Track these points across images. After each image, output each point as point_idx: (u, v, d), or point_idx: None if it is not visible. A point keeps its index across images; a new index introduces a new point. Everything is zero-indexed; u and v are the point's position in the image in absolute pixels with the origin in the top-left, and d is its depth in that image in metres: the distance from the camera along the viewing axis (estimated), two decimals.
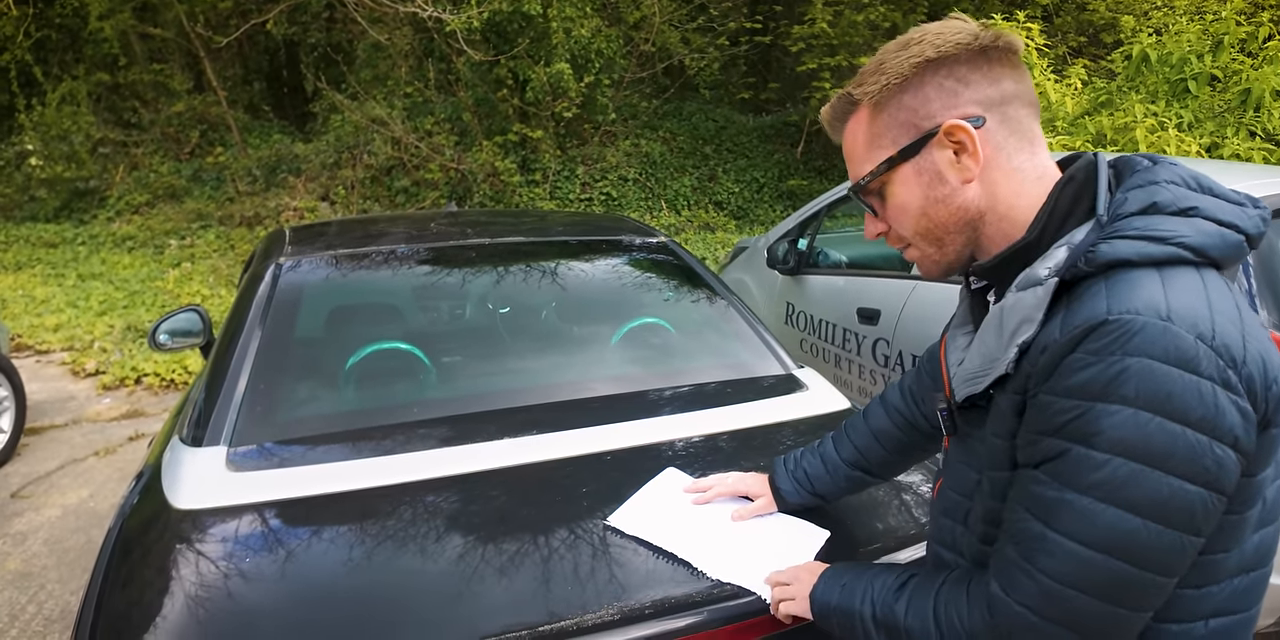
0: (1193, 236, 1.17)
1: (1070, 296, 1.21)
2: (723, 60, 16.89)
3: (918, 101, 1.33)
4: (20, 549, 4.66)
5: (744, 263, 6.79)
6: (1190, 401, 1.08)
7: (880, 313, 4.63)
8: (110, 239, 13.54)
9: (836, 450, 2.02)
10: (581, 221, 4.32)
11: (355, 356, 2.92)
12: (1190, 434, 1.08)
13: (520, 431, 2.45)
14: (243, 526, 1.99)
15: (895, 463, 1.99)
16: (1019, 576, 1.21)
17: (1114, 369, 1.10)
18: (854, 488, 2.04)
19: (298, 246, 3.34)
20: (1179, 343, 1.08)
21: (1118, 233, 1.19)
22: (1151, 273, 1.15)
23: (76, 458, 6.02)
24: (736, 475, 2.15)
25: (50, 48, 15.68)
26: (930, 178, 1.35)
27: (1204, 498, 1.10)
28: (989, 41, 1.31)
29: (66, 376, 8.08)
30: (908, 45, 1.33)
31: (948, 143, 1.31)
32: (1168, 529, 1.11)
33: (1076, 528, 1.14)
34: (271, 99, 19.78)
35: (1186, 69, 6.89)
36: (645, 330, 3.28)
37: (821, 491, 2.02)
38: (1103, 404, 1.11)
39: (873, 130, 1.39)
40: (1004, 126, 1.32)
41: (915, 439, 1.93)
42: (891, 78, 1.34)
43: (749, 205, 15.39)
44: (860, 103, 1.40)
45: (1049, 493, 1.17)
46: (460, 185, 13.62)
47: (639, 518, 2.01)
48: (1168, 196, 1.21)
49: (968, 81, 1.31)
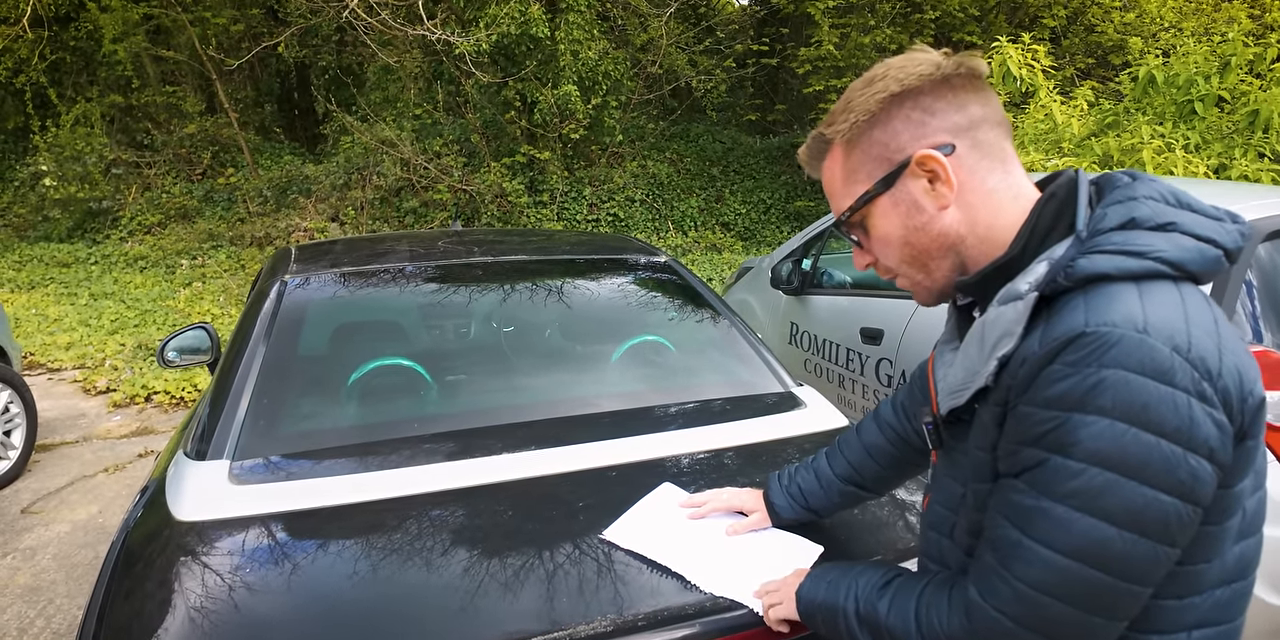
0: (1170, 251, 1.19)
1: (1050, 311, 1.22)
2: (730, 82, 16.92)
3: (887, 135, 1.36)
4: (30, 564, 4.69)
5: (748, 283, 6.80)
6: (1165, 413, 1.10)
7: (883, 333, 4.64)
8: (122, 259, 13.60)
9: (830, 465, 2.03)
10: (584, 240, 4.35)
11: (358, 372, 2.95)
12: (1166, 445, 1.10)
13: (520, 446, 2.47)
14: (245, 538, 2.01)
15: (889, 477, 1.99)
16: (996, 583, 1.23)
17: (1091, 380, 1.12)
18: (848, 502, 2.04)
19: (303, 264, 3.37)
20: (1155, 355, 1.10)
21: (1096, 248, 1.21)
22: (1129, 287, 1.17)
23: (86, 474, 6.04)
24: (731, 491, 2.16)
25: (65, 70, 15.78)
26: (908, 207, 1.37)
27: (1179, 509, 1.12)
28: (951, 70, 1.34)
29: (78, 394, 8.12)
30: (872, 82, 1.37)
31: (920, 172, 1.34)
32: (1142, 538, 1.12)
33: (1052, 536, 1.16)
34: (283, 121, 19.90)
35: (1194, 90, 6.84)
36: (646, 348, 3.30)
37: (815, 506, 2.03)
38: (1080, 414, 1.12)
39: (848, 167, 1.42)
40: (975, 150, 1.34)
41: (908, 453, 1.93)
42: (859, 115, 1.37)
43: (756, 226, 15.41)
44: (833, 142, 1.43)
45: (1027, 501, 1.19)
46: (468, 206, 13.65)
47: (633, 532, 2.02)
48: (1146, 212, 1.23)
49: (934, 111, 1.33)
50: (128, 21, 14.70)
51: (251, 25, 16.88)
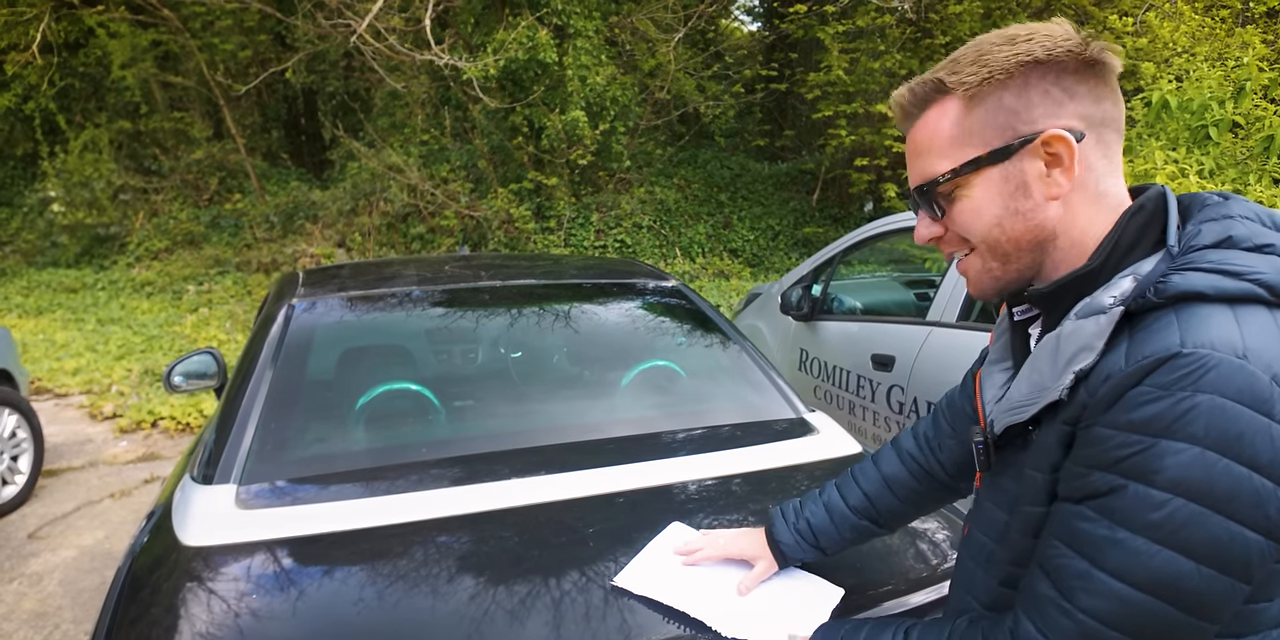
0: (1269, 274, 1.11)
1: (1134, 327, 1.14)
2: (738, 107, 17.02)
3: (1020, 104, 1.23)
4: (36, 589, 4.66)
5: (757, 309, 6.78)
6: (1261, 445, 1.02)
7: (895, 359, 4.61)
8: (130, 284, 13.64)
9: (844, 497, 1.91)
10: (593, 265, 4.34)
11: (365, 397, 2.93)
12: (1257, 479, 1.03)
13: (528, 472, 2.44)
14: (251, 563, 1.99)
15: (905, 513, 1.89)
16: (1055, 615, 1.15)
17: (1184, 405, 1.04)
18: (859, 539, 1.92)
19: (310, 288, 3.36)
20: (1254, 382, 1.03)
21: (1191, 265, 1.13)
22: (1224, 308, 1.09)
23: (93, 499, 6.02)
24: (729, 536, 2.02)
25: (74, 96, 15.91)
26: (1015, 188, 1.25)
27: (1261, 546, 1.05)
28: (1096, 54, 1.22)
29: (84, 419, 8.12)
30: (1014, 41, 1.24)
31: (1042, 153, 1.22)
32: (1221, 575, 1.06)
33: (1125, 567, 1.09)
34: (290, 146, 20.01)
35: (1208, 115, 6.78)
36: (655, 373, 3.27)
37: (825, 545, 1.90)
38: (1168, 441, 1.05)
39: (964, 125, 1.27)
40: (1098, 147, 1.24)
41: (929, 487, 1.83)
42: (995, 72, 1.23)
43: (764, 253, 15.42)
44: (952, 92, 1.28)
45: (1097, 530, 1.11)
46: (475, 232, 13.67)
47: (646, 577, 1.94)
48: (1243, 231, 1.15)
49: (1073, 93, 1.22)
50: (136, 47, 14.85)
51: (259, 51, 17.01)
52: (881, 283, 7.18)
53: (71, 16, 14.51)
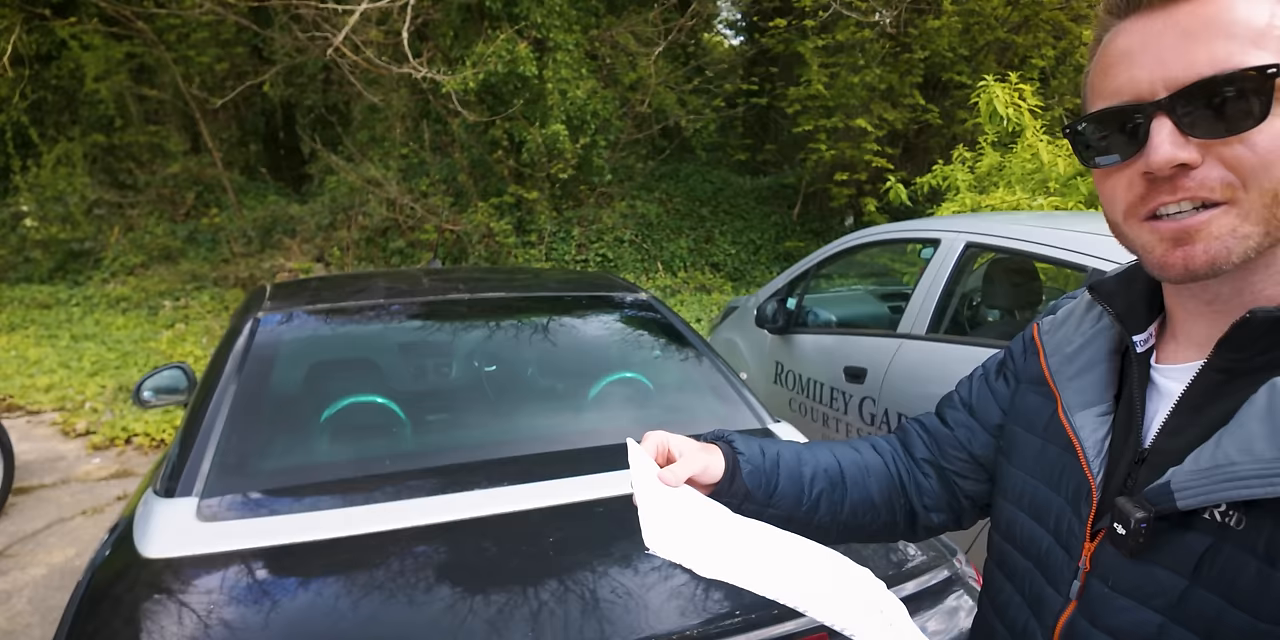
0: None
1: None
2: (719, 121, 17.04)
3: None
4: (4, 607, 4.62)
5: (734, 322, 6.79)
6: None
7: (867, 371, 4.62)
8: (104, 300, 13.54)
9: (812, 457, 1.48)
10: (564, 278, 4.36)
11: (330, 410, 2.93)
12: None
13: (492, 482, 2.45)
14: (211, 575, 2.00)
15: (841, 515, 1.43)
16: None
17: None
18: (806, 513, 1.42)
19: (277, 301, 3.36)
20: None
21: None
22: None
23: (64, 517, 5.96)
24: (689, 452, 1.44)
25: (46, 109, 15.82)
26: None
27: None
28: None
29: (57, 436, 8.04)
30: None
31: None
32: None
33: None
34: (268, 160, 19.95)
35: None
36: (623, 384, 3.28)
37: (782, 486, 1.42)
38: None
39: None
40: None
41: (882, 516, 1.44)
42: None
43: (745, 267, 15.44)
44: None
45: None
46: (455, 246, 13.66)
47: (670, 538, 1.33)
48: None
49: None
50: (110, 60, 14.78)
51: (236, 64, 16.95)
52: (856, 295, 7.25)
53: (43, 28, 14.42)
